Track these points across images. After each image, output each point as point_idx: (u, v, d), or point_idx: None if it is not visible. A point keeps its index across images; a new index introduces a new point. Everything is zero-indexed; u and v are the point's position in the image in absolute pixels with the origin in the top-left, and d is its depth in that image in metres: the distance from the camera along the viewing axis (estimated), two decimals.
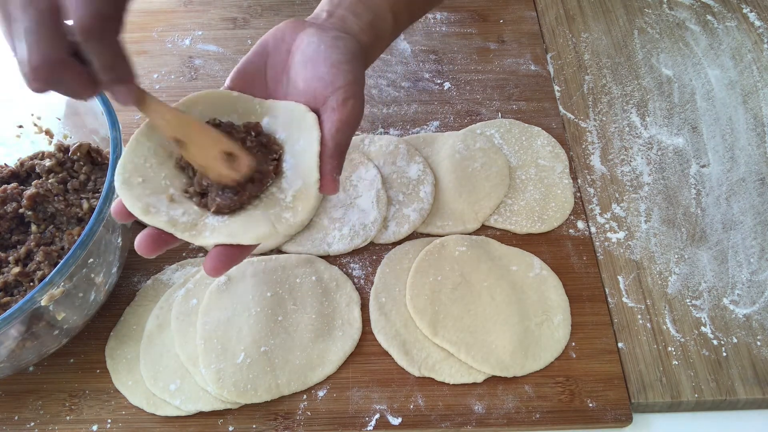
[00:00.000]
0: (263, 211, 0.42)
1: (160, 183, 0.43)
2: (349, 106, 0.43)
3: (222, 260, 0.40)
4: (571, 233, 0.64)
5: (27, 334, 0.48)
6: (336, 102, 0.43)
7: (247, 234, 0.40)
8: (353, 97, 0.43)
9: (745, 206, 0.65)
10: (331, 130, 0.43)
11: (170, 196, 0.42)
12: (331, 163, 0.42)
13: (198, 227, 0.41)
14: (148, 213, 0.40)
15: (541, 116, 0.73)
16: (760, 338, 0.56)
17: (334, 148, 0.42)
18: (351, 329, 0.57)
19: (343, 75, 0.43)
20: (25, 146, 0.63)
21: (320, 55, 0.44)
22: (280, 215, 0.41)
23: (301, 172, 0.42)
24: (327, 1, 0.50)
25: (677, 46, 0.80)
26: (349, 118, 0.43)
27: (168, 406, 0.53)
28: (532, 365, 0.55)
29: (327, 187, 0.42)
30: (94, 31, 0.36)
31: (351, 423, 0.53)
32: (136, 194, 0.41)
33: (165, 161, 0.44)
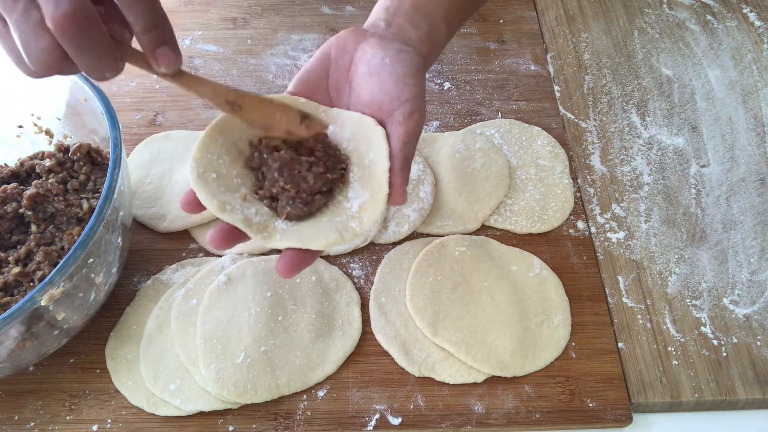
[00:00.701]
0: (330, 219, 0.43)
1: (232, 181, 0.44)
2: (414, 120, 0.44)
3: (294, 263, 0.42)
4: (571, 233, 0.64)
5: (27, 334, 0.48)
6: (402, 116, 0.44)
7: (317, 241, 0.41)
8: (418, 111, 0.44)
9: (745, 206, 0.65)
10: (398, 143, 0.44)
11: (243, 195, 0.43)
12: (401, 176, 0.43)
13: (269, 229, 0.42)
14: (224, 210, 0.41)
15: (541, 116, 0.73)
16: (760, 338, 0.56)
17: (402, 161, 0.44)
18: (351, 329, 0.57)
19: (408, 89, 0.44)
20: (25, 146, 0.63)
21: (386, 68, 0.45)
22: (347, 224, 0.43)
23: (368, 184, 0.44)
24: (383, 9, 0.50)
25: (677, 46, 0.80)
26: (414, 131, 0.44)
27: (168, 406, 0.53)
28: (532, 365, 0.55)
29: (397, 198, 0.43)
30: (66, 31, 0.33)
31: (351, 423, 0.53)
32: (212, 190, 0.42)
33: (236, 159, 0.45)
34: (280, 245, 0.42)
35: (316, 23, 0.83)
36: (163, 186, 0.67)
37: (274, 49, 0.81)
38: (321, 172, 0.44)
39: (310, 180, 0.43)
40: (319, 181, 0.43)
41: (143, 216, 0.65)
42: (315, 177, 0.43)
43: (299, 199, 0.43)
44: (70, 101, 0.60)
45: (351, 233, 0.42)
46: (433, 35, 0.50)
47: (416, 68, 0.46)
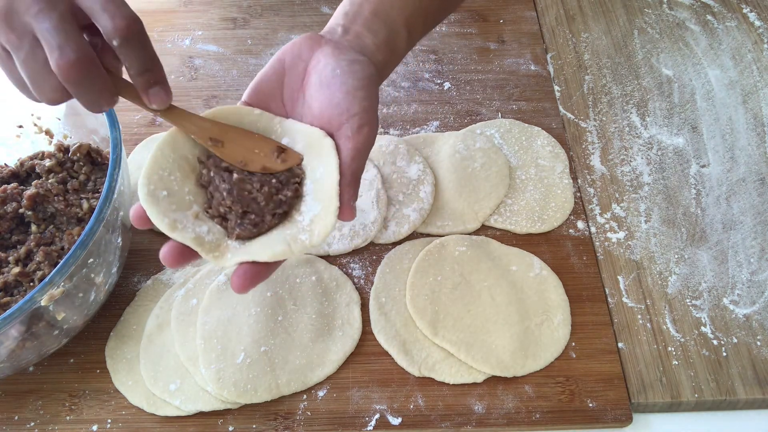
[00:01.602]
0: (281, 232, 0.42)
1: (184, 198, 0.43)
2: (363, 134, 0.43)
3: (247, 277, 0.41)
4: (571, 233, 0.64)
5: (27, 334, 0.48)
6: (351, 130, 0.43)
7: (264, 253, 0.41)
8: (367, 124, 0.44)
9: (745, 206, 0.65)
10: (346, 159, 0.43)
11: (195, 213, 0.43)
12: (348, 192, 0.43)
13: (221, 248, 0.42)
14: (175, 229, 0.41)
15: (541, 116, 0.73)
16: (760, 338, 0.56)
17: (350, 177, 0.43)
18: (351, 329, 0.57)
19: (357, 102, 0.43)
20: (25, 146, 0.63)
21: (336, 79, 0.44)
22: (297, 236, 0.42)
23: (320, 197, 0.43)
24: (342, 15, 0.49)
25: (677, 46, 0.80)
26: (363, 146, 0.44)
27: (168, 406, 0.53)
28: (532, 365, 0.55)
29: (345, 215, 0.42)
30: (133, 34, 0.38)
31: (351, 423, 0.53)
32: (163, 209, 0.41)
33: (188, 175, 0.44)
34: (230, 263, 0.41)
35: (316, 23, 0.83)
36: None
37: (274, 49, 0.81)
38: (272, 193, 0.43)
39: (260, 201, 0.42)
40: (270, 202, 0.42)
41: None
42: (266, 197, 0.42)
43: (248, 220, 0.42)
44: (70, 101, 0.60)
45: (300, 245, 0.41)
46: (391, 42, 0.49)
47: (368, 80, 0.45)
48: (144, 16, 0.40)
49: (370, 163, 0.66)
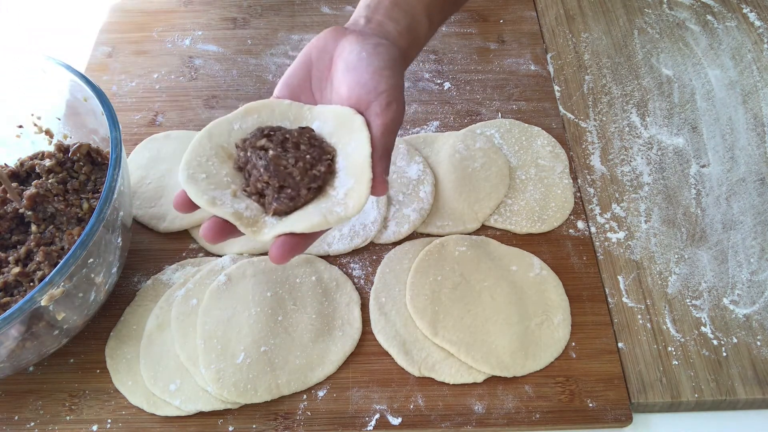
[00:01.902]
0: (316, 206, 0.44)
1: (222, 180, 0.45)
2: (392, 110, 0.45)
3: (286, 248, 0.42)
4: (571, 233, 0.64)
5: (27, 334, 0.48)
6: (380, 107, 0.45)
7: (301, 224, 0.42)
8: (395, 101, 0.45)
9: (745, 206, 0.65)
10: (377, 133, 0.45)
11: (234, 191, 0.45)
12: (380, 166, 0.44)
13: (258, 224, 0.43)
14: (214, 205, 0.43)
15: (541, 116, 0.73)
16: (760, 338, 0.56)
17: (382, 151, 0.44)
18: (351, 329, 0.57)
19: (384, 80, 0.45)
20: (25, 146, 0.63)
21: (362, 62, 0.46)
22: (332, 209, 0.43)
23: (352, 171, 0.45)
24: (364, 7, 0.51)
25: (677, 46, 0.80)
26: (392, 121, 0.45)
27: (168, 406, 0.53)
28: (532, 365, 0.55)
29: (378, 188, 0.44)
30: None
31: (351, 423, 0.53)
32: (202, 188, 0.43)
33: (225, 161, 0.46)
34: (267, 238, 0.43)
35: (316, 23, 0.83)
36: (163, 186, 0.67)
37: (274, 49, 0.81)
38: (306, 168, 0.44)
39: (295, 175, 0.44)
40: (305, 177, 0.44)
41: (143, 216, 0.65)
42: (300, 172, 0.44)
43: (284, 194, 0.44)
44: (70, 101, 0.60)
45: (336, 217, 0.43)
46: (413, 30, 0.51)
47: (393, 60, 0.47)
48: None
49: None
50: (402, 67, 0.48)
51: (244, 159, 0.46)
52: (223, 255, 0.61)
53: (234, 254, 0.61)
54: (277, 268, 0.59)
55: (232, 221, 0.43)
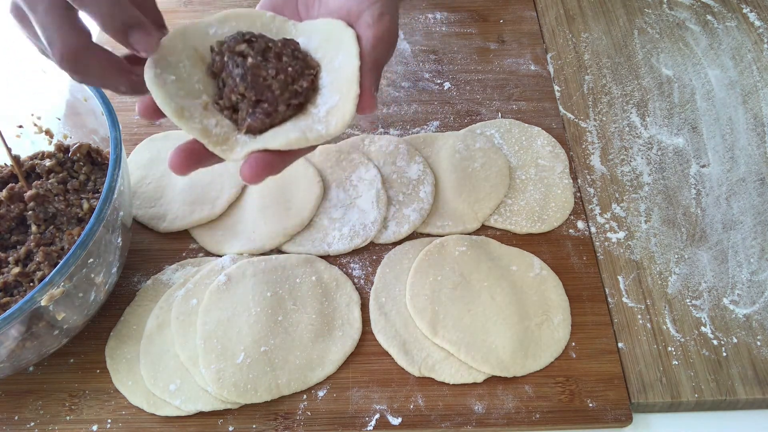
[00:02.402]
0: (294, 123, 0.40)
1: (193, 86, 0.41)
2: (385, 21, 0.42)
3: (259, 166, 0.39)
4: (571, 233, 0.64)
5: (27, 334, 0.48)
6: (371, 17, 0.42)
7: (276, 140, 0.39)
8: (388, 13, 0.42)
9: (745, 206, 0.65)
10: (367, 46, 0.41)
11: (205, 104, 0.40)
12: (369, 79, 0.41)
13: (229, 142, 0.39)
14: (182, 117, 0.38)
15: (541, 116, 0.73)
16: (760, 338, 0.56)
17: (371, 64, 0.41)
18: (351, 329, 0.57)
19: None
20: (25, 146, 0.63)
21: None
22: (312, 126, 0.40)
23: (338, 87, 0.41)
24: None
25: (677, 46, 0.80)
26: (385, 34, 0.42)
27: (168, 406, 0.53)
28: (532, 365, 0.55)
29: (366, 103, 0.40)
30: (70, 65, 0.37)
31: (351, 423, 0.53)
32: (170, 92, 0.39)
33: (197, 65, 0.42)
34: (239, 156, 0.38)
35: None
36: (163, 186, 0.67)
37: None
38: (288, 82, 0.40)
39: (275, 88, 0.40)
40: (285, 91, 0.40)
41: (143, 216, 0.65)
42: (280, 86, 0.40)
43: (260, 109, 0.40)
44: (70, 101, 0.60)
45: (315, 134, 0.39)
46: None
47: None
48: None
49: (370, 163, 0.67)
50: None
51: (219, 64, 0.41)
52: (223, 255, 0.62)
53: (234, 254, 0.61)
54: (277, 268, 0.59)
55: (199, 139, 0.38)
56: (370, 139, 0.70)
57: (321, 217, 0.64)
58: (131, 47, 0.39)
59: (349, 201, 0.64)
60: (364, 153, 0.68)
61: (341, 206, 0.64)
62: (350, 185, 0.65)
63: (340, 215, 0.64)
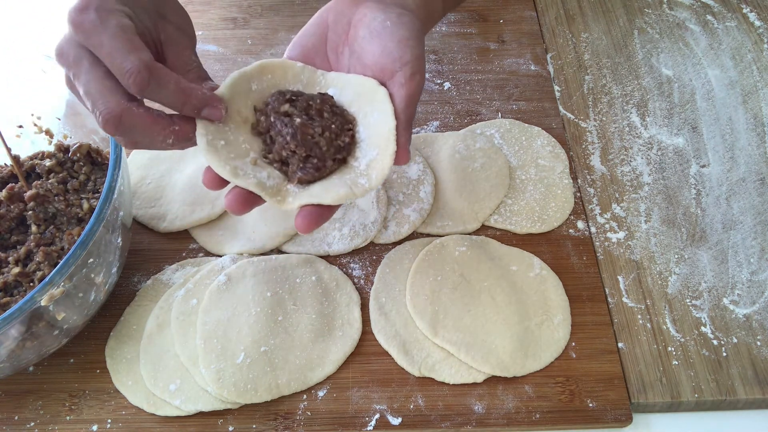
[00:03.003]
0: (340, 177, 0.44)
1: (240, 146, 0.45)
2: (416, 81, 0.45)
3: (312, 218, 0.43)
4: (571, 233, 0.64)
5: (27, 334, 0.48)
6: (404, 77, 0.45)
7: (328, 195, 0.43)
8: (419, 72, 0.45)
9: (745, 206, 0.65)
10: (401, 104, 0.45)
11: (254, 160, 0.44)
12: (404, 136, 0.44)
13: (282, 193, 0.44)
14: (237, 176, 0.42)
15: (541, 116, 0.73)
16: (760, 338, 0.56)
17: (405, 122, 0.45)
18: (351, 329, 0.57)
19: (410, 50, 0.45)
20: (25, 146, 0.63)
21: (387, 30, 0.45)
22: (356, 181, 0.44)
23: (375, 142, 0.45)
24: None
25: (677, 46, 0.80)
26: (415, 92, 0.45)
27: (168, 406, 0.53)
28: (532, 365, 0.55)
29: (403, 157, 0.44)
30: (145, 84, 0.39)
31: (351, 423, 0.53)
32: (223, 157, 0.43)
33: (241, 125, 0.46)
34: (293, 206, 0.43)
35: None
36: (163, 186, 0.67)
37: (274, 49, 0.81)
38: (332, 138, 0.44)
39: (322, 145, 0.44)
40: (331, 147, 0.44)
41: (143, 216, 0.65)
42: (327, 142, 0.44)
43: (310, 164, 0.44)
44: (70, 101, 0.60)
45: (361, 189, 0.43)
46: (429, 4, 0.51)
47: (417, 31, 0.46)
48: None
49: None
50: (423, 39, 0.48)
51: (266, 124, 0.45)
52: (223, 255, 0.61)
53: (234, 254, 0.61)
54: (277, 268, 0.59)
55: (256, 191, 0.42)
56: None
57: None
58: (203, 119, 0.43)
59: (349, 201, 0.64)
60: None
61: (341, 206, 0.64)
62: None
63: (340, 215, 0.64)
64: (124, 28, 0.39)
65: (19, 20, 0.89)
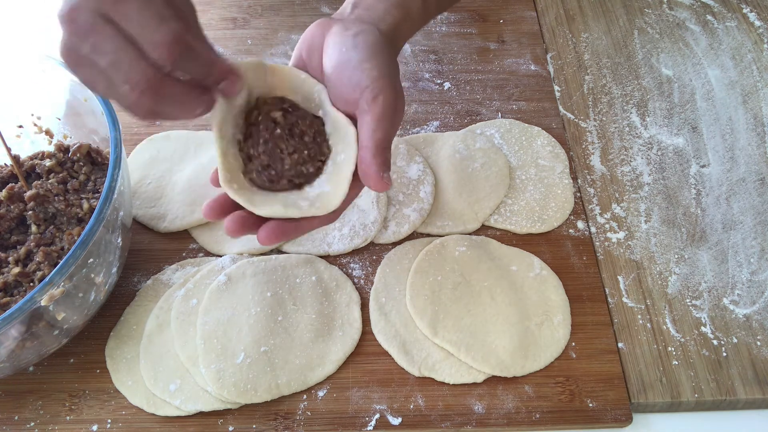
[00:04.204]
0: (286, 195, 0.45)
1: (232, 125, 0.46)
2: (380, 103, 0.43)
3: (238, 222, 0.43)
4: (571, 233, 0.64)
5: (27, 334, 0.48)
6: (366, 103, 0.43)
7: (263, 207, 0.43)
8: (381, 93, 0.43)
9: (745, 206, 0.65)
10: (368, 132, 0.43)
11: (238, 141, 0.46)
12: (376, 163, 0.43)
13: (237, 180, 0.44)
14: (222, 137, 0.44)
15: (541, 116, 0.73)
16: (760, 338, 0.56)
17: (375, 148, 0.43)
18: (351, 329, 0.57)
19: (366, 74, 0.43)
20: (25, 146, 0.63)
21: (343, 58, 0.44)
22: (297, 202, 0.44)
23: (334, 180, 0.45)
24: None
25: (677, 46, 0.80)
26: (383, 113, 0.43)
27: (168, 406, 0.53)
28: (532, 365, 0.55)
29: (377, 187, 0.43)
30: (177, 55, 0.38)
31: (351, 423, 0.53)
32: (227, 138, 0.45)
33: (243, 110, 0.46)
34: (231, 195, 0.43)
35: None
36: (163, 186, 0.67)
37: (274, 49, 0.81)
38: (299, 162, 0.45)
39: (286, 164, 0.45)
40: (293, 169, 0.45)
41: (143, 216, 0.65)
42: (292, 163, 0.45)
43: (266, 173, 0.45)
44: (70, 101, 0.60)
45: (295, 209, 0.43)
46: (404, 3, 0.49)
47: (373, 48, 0.44)
48: None
49: None
50: (388, 51, 0.46)
51: (255, 118, 0.46)
52: (223, 255, 0.61)
53: (234, 254, 0.61)
54: (277, 268, 0.59)
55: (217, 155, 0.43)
56: None
57: None
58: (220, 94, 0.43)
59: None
60: None
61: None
62: None
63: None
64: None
65: (19, 20, 0.89)
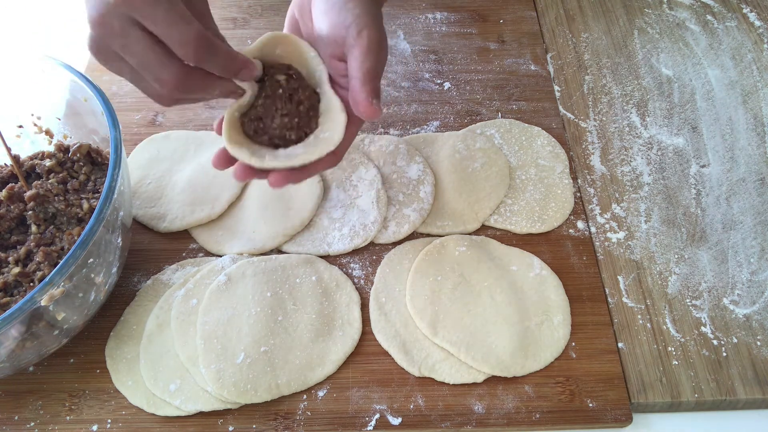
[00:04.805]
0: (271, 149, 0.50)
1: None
2: (365, 36, 0.46)
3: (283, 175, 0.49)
4: (571, 233, 0.64)
5: (27, 334, 0.48)
6: (352, 38, 0.46)
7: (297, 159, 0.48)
8: (366, 27, 0.46)
9: (745, 206, 0.65)
10: (356, 63, 0.46)
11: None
12: (365, 90, 0.46)
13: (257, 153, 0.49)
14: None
15: (541, 116, 0.73)
16: (760, 338, 0.56)
17: (363, 77, 0.46)
18: (351, 329, 0.57)
19: (350, 13, 0.46)
20: (25, 146, 0.63)
21: (329, 4, 0.47)
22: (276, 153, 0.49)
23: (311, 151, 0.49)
24: None
25: (677, 46, 0.80)
26: (368, 46, 0.46)
27: (168, 406, 0.53)
28: (532, 365, 0.55)
29: (367, 113, 0.46)
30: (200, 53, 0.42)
31: (351, 423, 0.53)
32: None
33: None
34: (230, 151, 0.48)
35: None
36: (163, 186, 0.67)
37: None
38: (286, 126, 0.49)
39: (275, 122, 0.49)
40: (278, 129, 0.49)
41: (143, 216, 0.65)
42: (279, 124, 0.49)
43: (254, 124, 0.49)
44: (70, 101, 0.60)
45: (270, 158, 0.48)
46: None
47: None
48: None
49: (370, 163, 0.67)
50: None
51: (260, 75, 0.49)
52: (223, 255, 0.61)
53: (234, 254, 0.61)
54: (277, 268, 0.59)
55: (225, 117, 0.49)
56: (370, 139, 0.70)
57: (321, 217, 0.64)
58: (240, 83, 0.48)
59: (349, 201, 0.64)
60: (364, 153, 0.68)
61: (341, 206, 0.64)
62: (350, 185, 0.65)
63: (340, 215, 0.64)
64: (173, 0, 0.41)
65: (19, 20, 0.89)
